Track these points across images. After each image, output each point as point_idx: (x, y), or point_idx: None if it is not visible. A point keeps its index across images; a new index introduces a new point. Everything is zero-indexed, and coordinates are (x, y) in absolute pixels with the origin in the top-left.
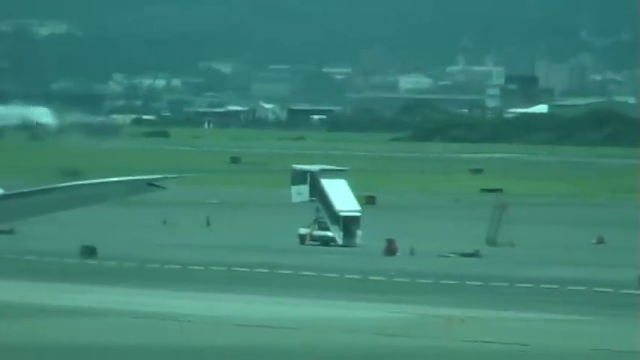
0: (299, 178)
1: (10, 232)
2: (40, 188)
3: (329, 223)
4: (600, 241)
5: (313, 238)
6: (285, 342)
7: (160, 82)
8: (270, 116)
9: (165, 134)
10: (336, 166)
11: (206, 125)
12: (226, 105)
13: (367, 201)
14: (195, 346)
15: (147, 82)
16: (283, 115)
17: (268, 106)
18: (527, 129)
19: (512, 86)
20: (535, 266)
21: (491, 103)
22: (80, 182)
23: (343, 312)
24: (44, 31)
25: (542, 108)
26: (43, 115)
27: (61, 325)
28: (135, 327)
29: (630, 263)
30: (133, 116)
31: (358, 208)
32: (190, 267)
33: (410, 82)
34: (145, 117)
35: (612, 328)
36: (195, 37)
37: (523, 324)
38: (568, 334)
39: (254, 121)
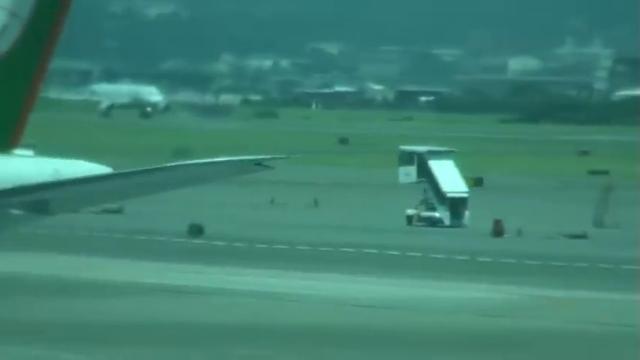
0: (406, 159)
1: (118, 211)
2: (148, 168)
3: (436, 204)
4: None
5: (421, 219)
6: (392, 322)
7: (268, 63)
8: (378, 97)
9: (273, 115)
10: (443, 147)
11: (314, 106)
12: (334, 86)
13: (475, 182)
14: (300, 326)
15: (255, 62)
16: (391, 97)
17: (376, 87)
18: (635, 111)
19: (620, 68)
20: None
21: (599, 85)
22: (188, 162)
23: (450, 293)
24: (152, 10)
25: None
26: (152, 94)
27: (169, 303)
28: (242, 306)
29: None
30: (241, 97)
31: (466, 189)
32: (298, 247)
33: (518, 64)
34: (253, 98)
35: None
36: (303, 18)
37: (630, 305)
38: None
39: (362, 102)
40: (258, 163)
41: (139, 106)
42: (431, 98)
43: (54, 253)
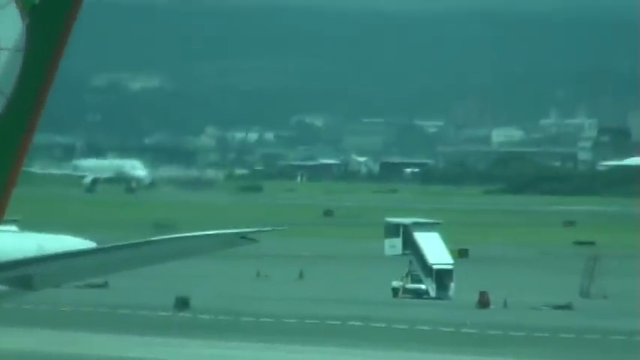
0: (392, 231)
1: (103, 285)
2: (133, 242)
3: (422, 276)
4: None
5: (406, 291)
6: None
7: (253, 136)
8: (363, 169)
9: (258, 188)
10: (429, 219)
11: (299, 178)
12: (319, 158)
13: (460, 254)
14: None
15: (239, 135)
16: (376, 168)
17: (361, 159)
18: (620, 182)
19: (604, 138)
20: (628, 319)
21: (583, 156)
22: (173, 236)
23: None
24: (136, 84)
25: (635, 160)
26: (136, 168)
27: None
28: None
29: None
30: (226, 170)
31: (451, 260)
32: (284, 320)
33: (502, 135)
34: (238, 171)
35: None
36: (287, 91)
37: None
38: None
39: (346, 174)
40: (243, 237)
41: (123, 180)
42: (415, 170)
43: (38, 328)
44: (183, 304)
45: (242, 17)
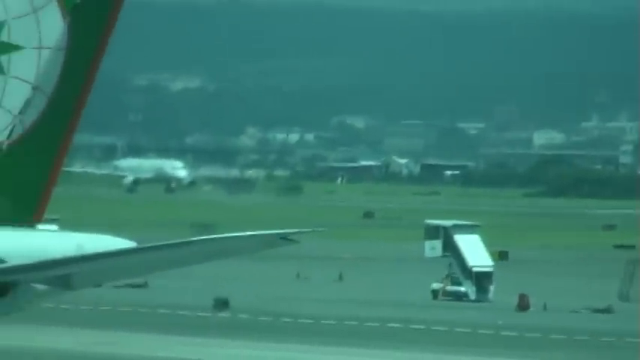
0: (432, 233)
1: (143, 285)
2: (172, 242)
3: (462, 278)
4: None
5: (446, 293)
6: None
7: (294, 137)
8: (404, 171)
9: (298, 189)
10: (469, 221)
11: (339, 180)
12: (359, 160)
13: (500, 256)
14: None
15: (280, 136)
16: (416, 170)
17: (402, 160)
18: None
19: None
20: None
21: (624, 159)
22: (213, 236)
23: None
24: (177, 85)
25: None
26: (176, 168)
27: None
28: None
29: None
30: (266, 171)
31: (491, 263)
32: (323, 321)
33: (543, 138)
34: (278, 172)
35: None
36: (328, 92)
37: None
38: None
39: (387, 176)
40: (283, 237)
41: (163, 180)
42: (456, 172)
43: (77, 327)
44: (222, 304)
45: (283, 17)
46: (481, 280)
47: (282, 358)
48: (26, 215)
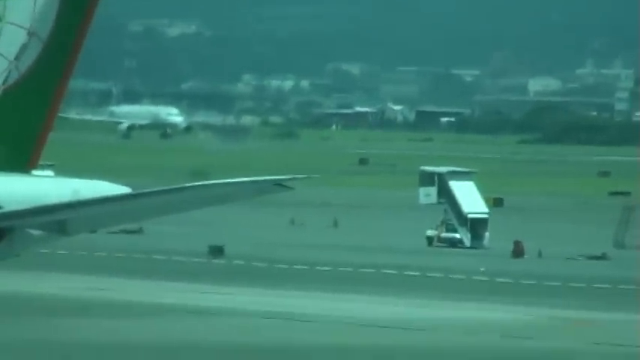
0: (427, 179)
1: (138, 231)
2: (167, 188)
3: (457, 225)
4: None
5: (441, 240)
6: (411, 343)
7: (289, 83)
8: (399, 118)
9: (293, 135)
10: (464, 168)
11: (334, 126)
12: (354, 106)
13: (495, 203)
14: (321, 346)
15: (275, 82)
16: (411, 117)
17: (397, 107)
18: None
19: None
20: None
21: (619, 106)
22: (208, 182)
23: (470, 313)
24: (174, 31)
25: None
26: (172, 114)
27: (189, 324)
28: (262, 327)
29: None
30: (262, 118)
31: (486, 210)
32: (318, 267)
33: (539, 85)
34: (273, 118)
35: None
36: (323, 38)
37: None
38: None
39: (382, 123)
40: (277, 184)
41: (159, 127)
42: (451, 119)
43: (73, 273)
44: (217, 251)
45: None
46: (476, 226)
47: (277, 304)
48: (22, 161)
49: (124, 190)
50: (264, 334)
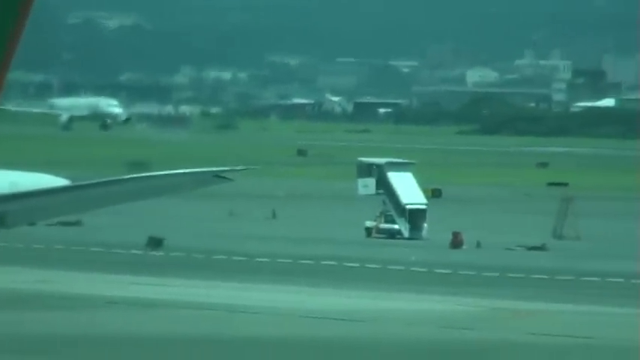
0: (365, 170)
1: (76, 223)
2: (106, 180)
3: (395, 216)
4: None
5: (379, 231)
6: (350, 334)
7: (227, 75)
8: (337, 109)
9: (232, 126)
10: (402, 159)
11: (272, 118)
12: (292, 98)
13: (433, 194)
14: (258, 338)
15: (214, 74)
16: (349, 108)
17: (335, 98)
18: (593, 123)
19: (579, 80)
20: (601, 260)
21: (558, 97)
22: (147, 174)
23: (409, 304)
24: (112, 23)
25: (609, 102)
26: (111, 106)
27: (127, 316)
28: (201, 319)
29: None
30: (200, 108)
31: (424, 200)
32: (256, 259)
33: (477, 76)
34: (212, 109)
35: None
36: (262, 30)
37: (588, 317)
38: (633, 327)
39: (320, 114)
40: (217, 175)
41: (99, 118)
42: (389, 110)
43: (10, 266)
44: (156, 242)
45: None
46: (415, 217)
47: (216, 296)
48: None
49: (63, 182)
50: (203, 326)
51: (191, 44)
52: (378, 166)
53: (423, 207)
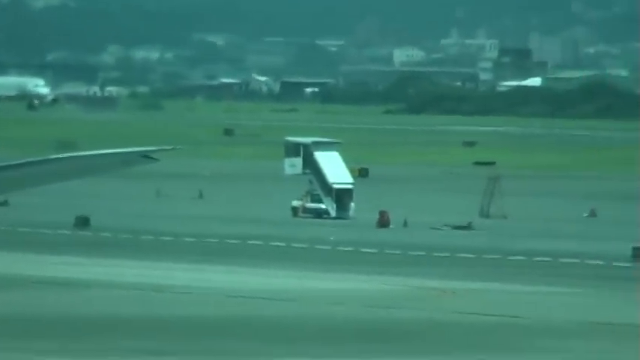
0: (292, 150)
1: (3, 203)
2: (33, 160)
3: (322, 196)
4: (593, 214)
5: (306, 211)
6: (277, 313)
7: (154, 55)
8: (264, 88)
9: (158, 106)
10: (329, 138)
11: (199, 98)
12: (219, 77)
13: (360, 173)
14: (186, 318)
15: (140, 53)
16: (276, 88)
17: (262, 78)
18: (520, 102)
19: (505, 59)
20: (528, 239)
21: (484, 76)
22: (74, 154)
23: (335, 284)
24: (39, 2)
25: (535, 81)
26: (38, 86)
27: (54, 296)
28: (128, 298)
29: (623, 236)
30: (127, 89)
31: (351, 180)
32: (183, 238)
33: (403, 55)
34: (139, 89)
35: (604, 300)
36: (188, 9)
37: (515, 296)
38: (559, 306)
39: (247, 94)
40: (144, 155)
41: (25, 98)
42: (316, 89)
43: None
44: (83, 222)
45: None
46: (341, 197)
47: (143, 276)
48: None
49: None
50: (128, 305)
51: (118, 23)
52: (305, 145)
53: (350, 186)
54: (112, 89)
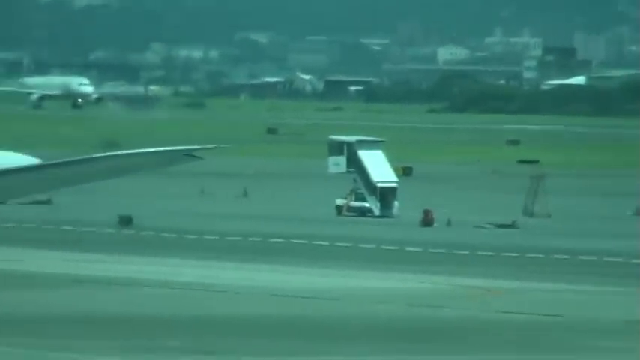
0: (336, 149)
1: (47, 202)
2: (77, 158)
3: (366, 194)
4: (637, 212)
5: (350, 209)
6: (321, 313)
7: (197, 53)
8: (307, 87)
9: (202, 105)
10: (373, 137)
11: (242, 96)
12: (263, 76)
13: (404, 172)
14: (231, 317)
15: (184, 52)
16: (320, 86)
17: (305, 77)
18: (564, 100)
19: (549, 58)
20: (572, 238)
21: (528, 75)
22: (118, 152)
23: (379, 283)
24: (82, 1)
25: (579, 79)
26: (83, 84)
27: (98, 295)
28: (171, 297)
29: None
30: (171, 87)
31: (395, 179)
32: (228, 237)
33: (447, 54)
34: (183, 88)
35: None
36: (232, 8)
37: (559, 295)
38: (603, 305)
39: (291, 92)
40: (187, 154)
41: (70, 97)
42: (360, 88)
43: None
44: (127, 221)
45: None
46: (385, 195)
47: (187, 275)
48: None
49: (33, 161)
50: (173, 304)
51: (161, 22)
52: (349, 144)
53: (394, 185)
54: (155, 88)
